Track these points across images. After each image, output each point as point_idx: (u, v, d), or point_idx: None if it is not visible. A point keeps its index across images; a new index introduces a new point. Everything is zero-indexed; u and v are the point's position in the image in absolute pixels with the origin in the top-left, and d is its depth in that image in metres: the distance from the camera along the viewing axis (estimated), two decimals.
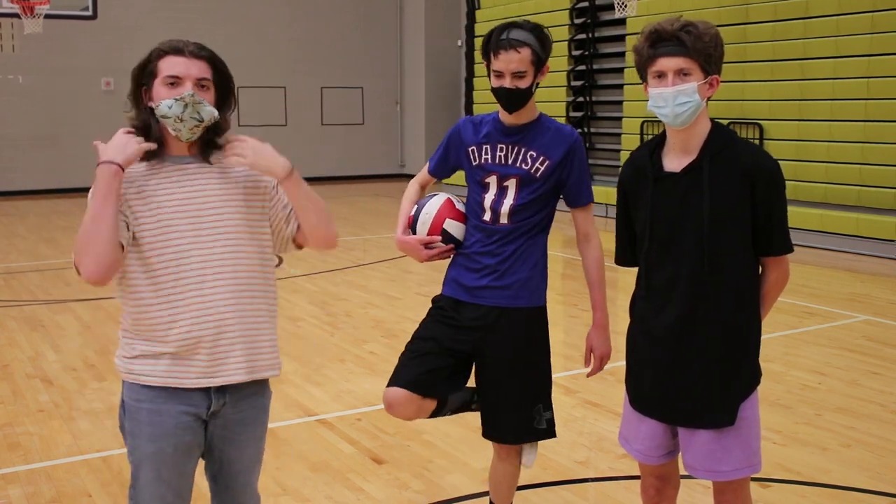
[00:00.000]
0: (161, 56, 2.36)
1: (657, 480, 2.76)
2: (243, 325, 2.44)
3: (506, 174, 3.03)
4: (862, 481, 4.10)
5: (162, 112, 2.33)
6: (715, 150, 2.48)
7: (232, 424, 2.49)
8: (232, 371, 2.42)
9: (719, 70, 2.50)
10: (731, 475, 2.56)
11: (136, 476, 2.45)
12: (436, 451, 4.45)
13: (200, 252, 2.39)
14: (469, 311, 3.09)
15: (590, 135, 15.64)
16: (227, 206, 2.43)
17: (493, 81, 2.97)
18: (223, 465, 2.54)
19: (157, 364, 2.39)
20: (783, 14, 12.06)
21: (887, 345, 6.51)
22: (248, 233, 2.46)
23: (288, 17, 19.45)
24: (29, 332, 6.99)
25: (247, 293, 2.46)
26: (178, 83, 2.34)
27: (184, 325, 2.37)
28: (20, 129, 17.25)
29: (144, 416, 2.40)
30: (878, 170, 10.74)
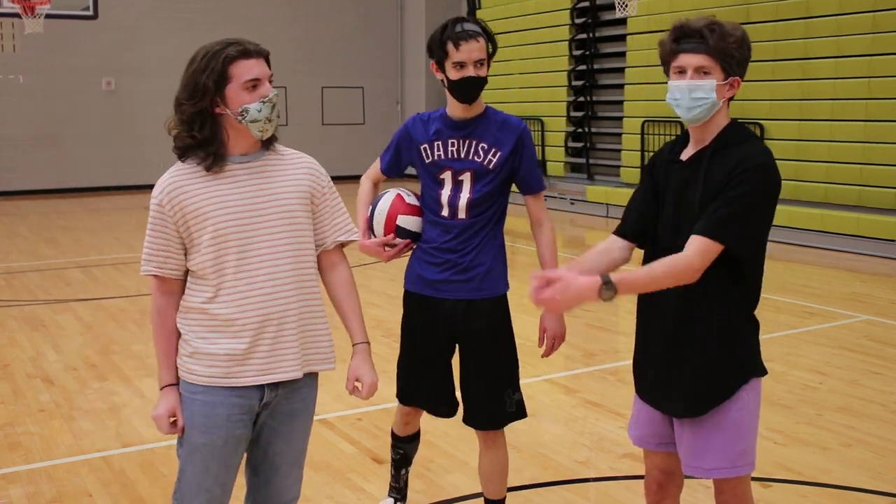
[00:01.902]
0: (232, 61, 2.35)
1: (660, 474, 2.75)
2: (303, 319, 2.49)
3: (460, 168, 3.09)
4: (863, 481, 4.10)
5: (252, 117, 2.36)
6: (721, 145, 2.48)
7: (281, 416, 2.52)
8: (288, 367, 2.46)
9: (742, 72, 2.48)
10: (712, 473, 2.56)
11: (184, 467, 2.49)
12: (436, 451, 4.45)
13: (265, 246, 2.42)
14: (435, 305, 3.18)
15: (590, 135, 15.63)
16: (289, 201, 2.47)
17: (453, 74, 3.01)
18: (268, 457, 2.56)
19: (214, 363, 2.42)
20: (784, 14, 12.06)
21: (888, 345, 6.51)
22: (307, 223, 2.52)
23: (288, 17, 19.46)
24: (30, 331, 6.99)
25: (308, 285, 2.51)
26: (259, 84, 2.38)
27: (248, 318, 2.41)
28: (21, 129, 17.26)
29: (199, 408, 2.44)
30: (879, 170, 10.73)
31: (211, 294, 2.42)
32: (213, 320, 2.42)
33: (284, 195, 2.47)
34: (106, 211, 15.32)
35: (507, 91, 17.42)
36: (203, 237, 2.40)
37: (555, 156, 16.21)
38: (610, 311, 7.76)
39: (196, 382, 2.45)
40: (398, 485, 3.71)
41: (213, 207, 2.39)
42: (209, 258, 2.40)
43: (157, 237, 2.44)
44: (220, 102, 2.37)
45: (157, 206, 2.42)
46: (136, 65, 17.94)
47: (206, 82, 2.34)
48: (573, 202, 14.96)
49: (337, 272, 2.63)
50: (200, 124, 2.37)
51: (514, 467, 4.27)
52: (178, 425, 2.47)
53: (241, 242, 2.40)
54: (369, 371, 2.63)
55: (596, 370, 5.88)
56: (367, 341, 2.65)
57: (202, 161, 2.40)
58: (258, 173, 2.46)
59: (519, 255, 11.13)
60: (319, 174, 2.58)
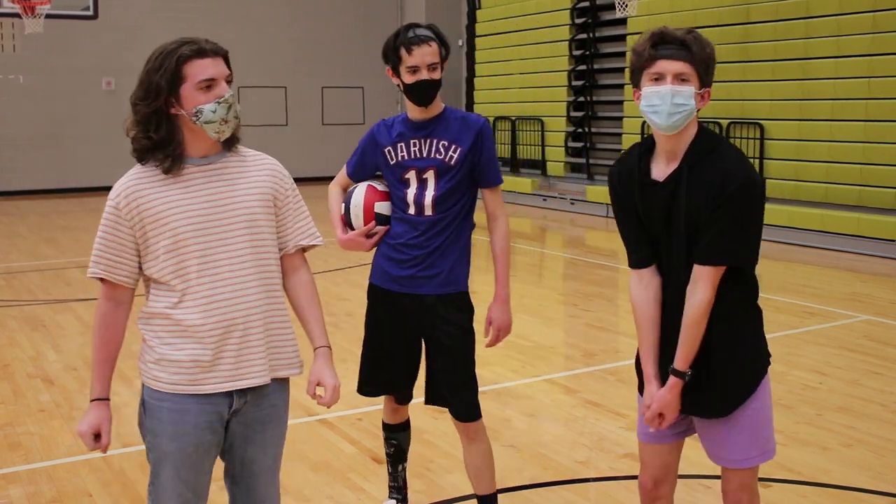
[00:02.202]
0: (186, 61, 2.29)
1: (657, 471, 2.76)
2: (268, 324, 2.44)
3: (423, 167, 3.19)
4: (863, 481, 4.10)
5: (206, 118, 2.30)
6: (695, 159, 2.47)
7: (252, 423, 2.47)
8: (255, 373, 2.41)
9: (711, 84, 2.50)
10: (745, 463, 2.60)
11: (155, 473, 2.45)
12: (436, 451, 4.45)
13: (227, 250, 2.37)
14: (401, 300, 3.27)
15: (590, 135, 15.63)
16: (250, 205, 2.41)
17: (407, 79, 3.13)
18: (245, 466, 2.51)
19: (179, 370, 2.37)
20: (784, 14, 12.05)
21: (888, 345, 6.51)
22: (269, 227, 2.46)
23: (288, 17, 19.46)
24: (30, 331, 6.99)
25: (272, 289, 2.47)
26: (214, 84, 2.31)
27: (213, 325, 2.36)
28: (21, 129, 17.26)
29: (166, 416, 2.38)
30: (879, 170, 10.73)
31: (176, 299, 2.36)
32: (178, 326, 2.36)
33: (246, 198, 2.40)
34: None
35: (507, 91, 17.42)
36: (161, 243, 2.33)
37: (555, 156, 16.21)
38: (610, 311, 7.76)
39: (162, 390, 2.38)
40: (397, 483, 3.72)
41: (172, 212, 2.32)
42: (169, 265, 2.34)
43: (109, 240, 2.36)
44: (174, 103, 2.30)
45: (114, 210, 2.34)
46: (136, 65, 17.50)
47: (159, 82, 2.28)
48: (573, 202, 14.96)
49: (298, 276, 2.57)
50: (156, 125, 2.31)
51: (513, 467, 4.28)
52: (102, 442, 2.42)
53: (201, 247, 2.34)
54: (332, 375, 2.55)
55: (596, 370, 5.88)
56: (328, 345, 2.58)
57: (160, 163, 2.33)
58: (218, 176, 2.39)
59: (519, 256, 11.14)
60: (282, 176, 2.51)
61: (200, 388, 2.37)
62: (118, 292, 2.40)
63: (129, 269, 2.38)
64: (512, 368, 5.97)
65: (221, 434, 2.46)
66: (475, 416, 3.33)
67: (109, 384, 2.43)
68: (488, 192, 3.31)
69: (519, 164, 16.90)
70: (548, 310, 7.86)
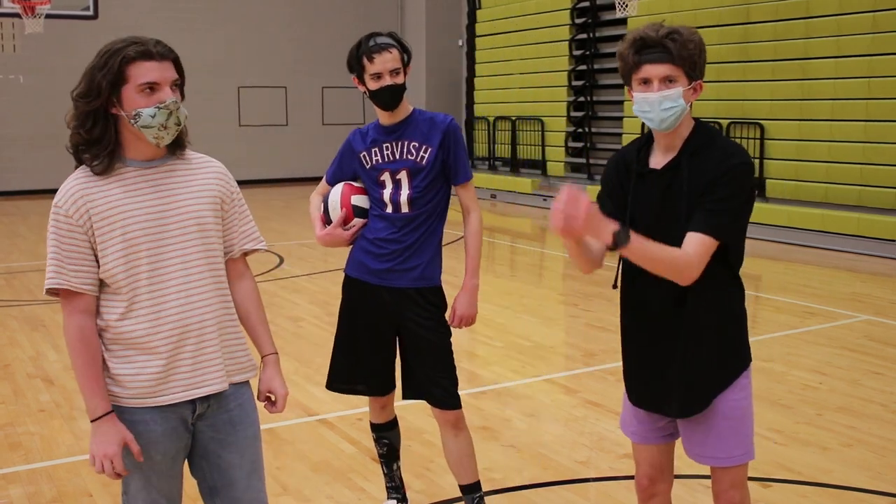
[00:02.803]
0: (130, 62, 2.22)
1: (651, 469, 2.77)
2: (222, 330, 2.40)
3: (396, 168, 3.33)
4: (863, 481, 4.10)
5: (144, 122, 2.23)
6: (693, 149, 2.51)
7: (222, 425, 2.43)
8: (212, 380, 2.37)
9: (703, 74, 2.52)
10: (729, 462, 2.60)
11: (126, 484, 2.41)
12: (436, 451, 4.44)
13: (177, 255, 2.32)
14: (377, 293, 3.38)
15: (590, 134, 15.63)
16: (199, 208, 2.37)
17: (372, 86, 3.27)
18: (222, 473, 2.45)
19: (135, 384, 2.30)
20: (784, 14, 12.05)
21: (888, 345, 6.51)
22: (217, 231, 2.42)
23: (288, 17, 19.46)
24: (30, 331, 6.99)
25: (224, 294, 2.43)
26: (157, 89, 2.24)
27: (165, 334, 2.30)
28: (21, 129, 17.26)
29: (130, 427, 2.31)
30: (879, 170, 10.73)
31: (123, 310, 2.29)
32: (125, 339, 2.30)
33: (193, 202, 2.35)
34: None
35: (507, 91, 17.43)
36: (112, 244, 2.26)
37: (555, 156, 16.21)
38: (610, 311, 7.76)
39: (120, 404, 2.32)
40: (394, 483, 3.75)
41: (120, 214, 2.26)
42: (120, 266, 2.26)
43: (64, 247, 2.26)
44: (115, 103, 2.25)
45: (63, 215, 2.26)
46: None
47: (101, 81, 2.23)
48: None
49: (243, 282, 2.52)
50: (93, 123, 2.26)
51: (513, 467, 4.28)
52: (135, 450, 2.29)
53: (151, 251, 2.28)
54: (282, 384, 2.53)
55: (596, 370, 5.88)
56: (276, 352, 2.55)
57: (92, 163, 2.28)
58: (164, 180, 2.33)
59: (519, 256, 11.14)
60: (228, 180, 2.47)
61: (158, 401, 2.31)
62: (84, 302, 2.29)
63: (89, 275, 2.28)
64: (512, 368, 5.97)
65: (188, 437, 2.41)
66: (455, 405, 3.41)
67: (108, 398, 2.31)
68: (461, 189, 3.44)
69: (519, 164, 16.91)
70: (548, 310, 7.86)
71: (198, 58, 16.46)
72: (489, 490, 3.91)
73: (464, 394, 3.60)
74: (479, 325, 7.58)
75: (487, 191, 16.75)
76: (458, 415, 3.43)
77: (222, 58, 18.23)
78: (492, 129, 17.63)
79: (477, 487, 3.50)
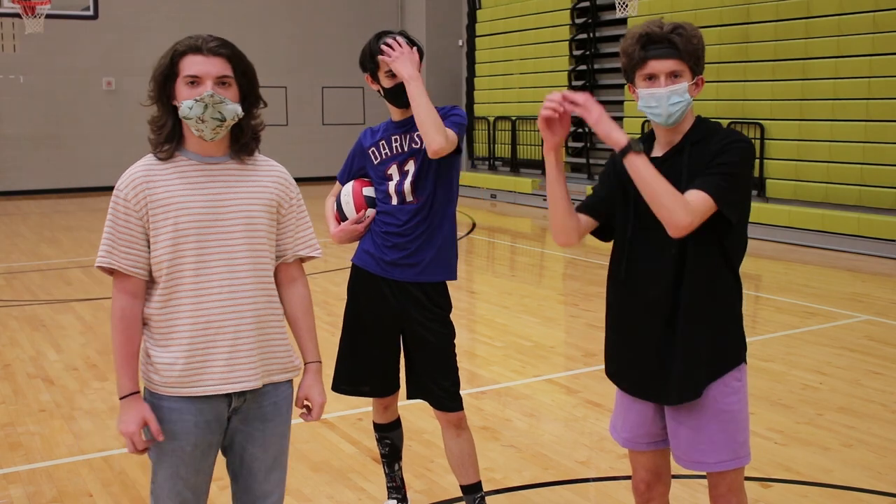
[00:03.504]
0: (181, 56, 2.33)
1: (647, 474, 2.76)
2: (261, 329, 2.43)
3: (404, 159, 3.35)
4: (863, 481, 4.10)
5: (183, 113, 2.32)
6: (695, 138, 2.53)
7: (253, 420, 2.47)
8: (247, 377, 2.40)
9: (703, 70, 2.55)
10: (715, 467, 2.57)
11: (154, 472, 2.46)
12: (436, 451, 4.44)
13: (222, 249, 2.37)
14: (382, 284, 3.38)
15: (590, 134, 15.63)
16: (251, 209, 2.42)
17: (387, 84, 3.31)
18: (244, 463, 2.51)
19: (171, 373, 2.36)
20: (785, 14, 12.05)
21: (889, 345, 6.51)
22: (267, 232, 2.46)
23: (288, 17, 19.46)
24: (30, 331, 6.99)
25: (266, 294, 2.46)
26: (199, 83, 2.32)
27: (201, 327, 2.35)
28: (21, 129, 17.26)
29: (165, 415, 2.38)
30: (879, 170, 10.73)
31: (163, 300, 2.36)
32: (164, 329, 2.36)
33: (247, 201, 2.41)
34: (106, 211, 15.29)
35: (507, 91, 17.43)
36: (163, 232, 2.33)
37: None
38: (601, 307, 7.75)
39: (157, 392, 2.39)
40: (395, 483, 3.74)
41: (175, 204, 2.34)
42: (166, 255, 2.33)
43: (119, 229, 2.36)
44: (173, 96, 2.36)
45: (122, 198, 2.36)
46: (136, 65, 17.93)
47: (156, 74, 2.36)
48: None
49: (295, 288, 2.56)
50: (158, 112, 2.38)
51: (513, 467, 4.28)
52: (154, 429, 2.36)
53: (198, 243, 2.34)
54: (320, 392, 2.57)
55: (596, 370, 5.88)
56: (319, 360, 2.59)
57: (160, 151, 2.37)
58: (221, 176, 2.40)
59: (519, 256, 11.14)
60: (289, 185, 2.52)
61: (192, 391, 2.37)
62: (132, 284, 2.37)
63: (139, 258, 2.36)
64: (512, 368, 5.97)
65: (221, 433, 2.45)
66: (456, 406, 3.41)
67: (138, 378, 2.40)
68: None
69: (519, 164, 16.90)
70: (548, 310, 7.86)
71: None
72: (489, 490, 3.91)
73: (464, 394, 3.60)
74: (479, 325, 7.59)
75: (487, 191, 16.76)
76: (459, 416, 3.43)
77: None
78: (492, 129, 17.63)
79: (478, 488, 3.50)
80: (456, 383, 3.42)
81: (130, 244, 2.35)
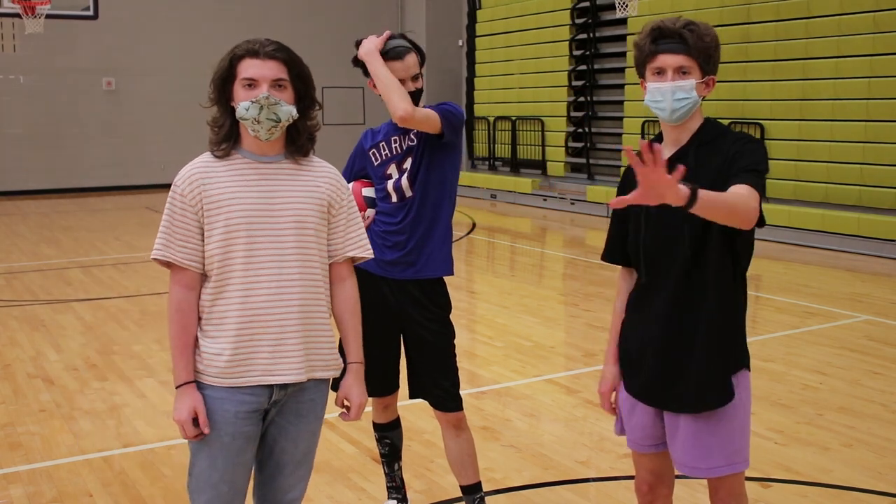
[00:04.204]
0: (239, 59, 2.43)
1: (650, 476, 2.76)
2: (307, 324, 2.49)
3: (402, 158, 3.38)
4: (863, 481, 4.10)
5: (240, 114, 2.41)
6: (703, 140, 2.52)
7: (289, 414, 2.53)
8: (291, 370, 2.46)
9: (716, 71, 2.53)
10: (711, 473, 2.56)
11: (192, 464, 2.50)
12: (436, 451, 4.44)
13: (272, 246, 2.44)
14: (382, 283, 3.38)
15: (590, 135, 15.63)
16: (302, 207, 2.48)
17: None
18: (273, 455, 2.56)
19: (216, 362, 2.43)
20: (785, 14, 12.05)
21: (888, 345, 6.51)
22: (317, 231, 2.52)
23: (288, 17, 19.46)
24: (30, 331, 6.99)
25: (315, 292, 2.51)
26: (255, 85, 2.41)
27: (249, 319, 2.42)
28: (21, 129, 17.26)
29: (207, 403, 2.44)
30: (879, 170, 10.73)
31: (215, 293, 2.44)
32: (214, 319, 2.44)
33: (299, 199, 2.49)
34: (106, 211, 15.32)
35: (507, 91, 17.42)
36: (216, 228, 2.42)
37: (555, 156, 16.21)
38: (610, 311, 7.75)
39: (202, 381, 2.45)
40: (395, 483, 3.75)
41: (228, 200, 2.42)
42: (218, 250, 2.42)
43: (176, 222, 2.44)
44: (231, 97, 2.45)
45: (179, 193, 2.44)
46: (136, 65, 17.94)
47: (216, 76, 2.45)
48: (573, 202, 14.96)
49: (343, 287, 2.63)
50: (217, 112, 2.48)
51: (513, 467, 4.28)
52: (202, 420, 2.42)
53: (248, 239, 2.42)
54: (360, 392, 2.64)
55: (596, 370, 5.88)
56: (361, 361, 2.66)
57: (218, 149, 2.47)
58: (274, 175, 2.49)
59: (519, 256, 11.14)
60: (341, 185, 2.60)
61: (236, 381, 2.43)
62: (187, 277, 2.45)
63: (194, 251, 2.44)
64: (512, 368, 5.97)
65: (260, 426, 2.51)
66: (456, 406, 3.42)
67: (192, 368, 2.46)
68: None
69: (519, 164, 16.91)
70: (548, 310, 7.86)
71: (198, 58, 16.45)
72: (489, 490, 3.91)
73: (464, 394, 3.60)
74: (479, 325, 7.59)
75: (487, 191, 16.76)
76: (459, 416, 3.43)
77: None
78: (492, 129, 17.63)
79: (478, 488, 3.50)
80: (456, 383, 3.43)
81: (186, 238, 2.44)
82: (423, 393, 3.46)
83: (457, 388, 3.43)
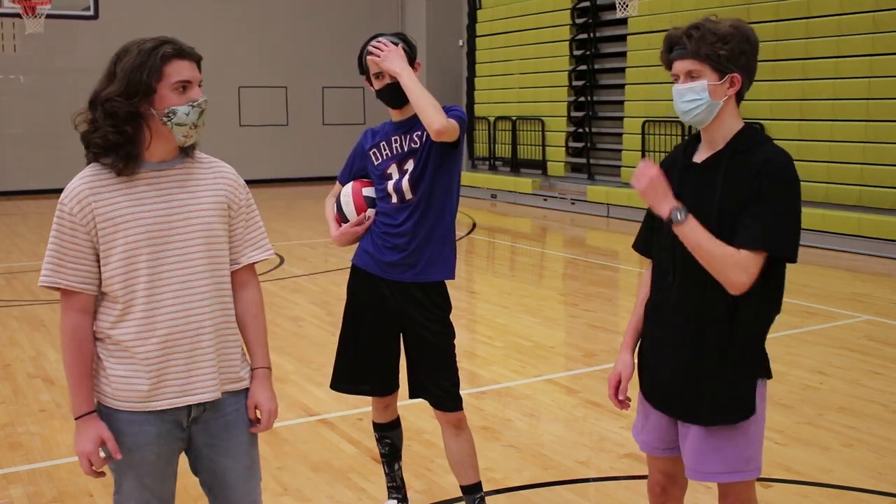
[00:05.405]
0: (167, 60, 2.25)
1: (663, 477, 2.75)
2: (219, 339, 2.37)
3: (402, 159, 3.36)
4: (864, 481, 4.10)
5: (179, 119, 2.25)
6: (738, 148, 2.48)
7: (216, 431, 2.41)
8: (205, 388, 2.34)
9: (742, 67, 2.47)
10: (718, 478, 2.54)
11: (118, 483, 2.40)
12: (436, 451, 4.44)
13: (178, 262, 2.30)
14: (382, 285, 3.39)
15: (591, 135, 15.63)
16: (206, 215, 2.34)
17: (375, 85, 3.34)
18: (217, 476, 2.45)
19: (128, 387, 2.29)
20: (785, 14, 12.05)
21: (889, 345, 6.51)
22: (224, 238, 2.40)
23: (289, 17, 19.46)
24: (30, 331, 6.99)
25: (226, 304, 2.40)
26: (189, 87, 2.28)
27: (155, 342, 2.28)
28: (21, 129, 17.27)
29: (125, 427, 2.32)
30: (879, 170, 10.73)
31: (117, 316, 2.28)
32: (118, 346, 2.29)
33: (202, 207, 2.33)
34: None
35: (508, 91, 17.43)
36: (115, 250, 2.25)
37: (555, 156, 16.21)
38: (610, 311, 7.76)
39: (114, 407, 2.31)
40: (395, 483, 3.74)
41: (126, 218, 2.24)
42: (119, 273, 2.25)
43: (65, 244, 2.25)
44: (148, 102, 2.25)
45: (68, 213, 2.24)
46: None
47: (145, 80, 2.23)
48: (574, 202, 14.96)
49: (247, 292, 2.47)
50: (126, 122, 2.24)
51: (513, 467, 4.28)
52: (112, 447, 2.28)
53: (151, 258, 2.26)
54: (270, 398, 2.46)
55: (596, 370, 5.88)
56: (268, 367, 2.50)
57: (115, 163, 2.25)
58: (174, 183, 2.32)
59: (519, 256, 11.14)
60: (237, 185, 2.43)
61: (150, 406, 2.30)
62: (82, 301, 2.28)
63: (88, 275, 2.27)
64: (512, 368, 5.97)
65: (183, 439, 2.40)
66: (456, 406, 3.42)
67: (93, 397, 2.33)
68: None
69: (519, 164, 16.90)
70: (548, 310, 7.86)
71: None
72: (489, 490, 3.91)
73: (464, 394, 3.60)
74: (479, 325, 7.59)
75: (488, 191, 16.76)
76: (459, 416, 3.43)
77: (222, 58, 18.20)
78: (492, 129, 17.63)
79: (478, 488, 3.50)
80: (455, 383, 3.43)
81: (78, 260, 2.26)
82: (424, 393, 3.45)
83: (457, 388, 3.43)
